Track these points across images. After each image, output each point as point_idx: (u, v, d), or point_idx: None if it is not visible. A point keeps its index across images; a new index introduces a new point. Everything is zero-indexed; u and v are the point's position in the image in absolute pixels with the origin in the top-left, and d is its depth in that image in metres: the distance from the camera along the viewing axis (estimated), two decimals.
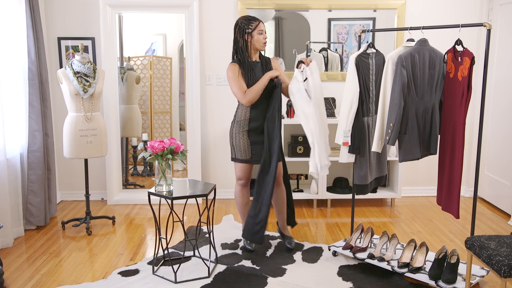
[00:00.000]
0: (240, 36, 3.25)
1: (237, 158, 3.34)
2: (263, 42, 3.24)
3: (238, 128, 3.30)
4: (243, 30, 3.23)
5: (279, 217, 3.53)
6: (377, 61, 3.20)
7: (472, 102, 4.71)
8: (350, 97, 3.14)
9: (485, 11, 4.58)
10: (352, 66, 3.14)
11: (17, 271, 3.15)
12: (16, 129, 3.80)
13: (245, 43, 3.25)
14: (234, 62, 3.28)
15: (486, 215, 4.29)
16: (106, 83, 4.39)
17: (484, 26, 2.67)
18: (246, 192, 3.46)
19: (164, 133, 5.11)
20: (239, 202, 3.47)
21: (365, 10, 4.62)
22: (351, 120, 3.15)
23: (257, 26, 3.21)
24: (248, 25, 3.22)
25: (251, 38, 3.23)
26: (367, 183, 3.27)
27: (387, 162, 3.45)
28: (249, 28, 3.21)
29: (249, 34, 3.22)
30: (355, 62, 3.13)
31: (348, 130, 3.15)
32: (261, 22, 3.24)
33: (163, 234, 3.49)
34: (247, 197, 3.47)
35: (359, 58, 3.12)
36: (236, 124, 3.33)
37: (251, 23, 3.22)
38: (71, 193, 4.77)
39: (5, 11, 3.64)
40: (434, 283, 2.83)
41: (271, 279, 3.00)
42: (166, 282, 2.97)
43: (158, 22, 5.04)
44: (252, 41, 3.23)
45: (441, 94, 3.01)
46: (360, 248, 3.26)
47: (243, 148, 3.30)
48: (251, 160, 3.32)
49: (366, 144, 3.19)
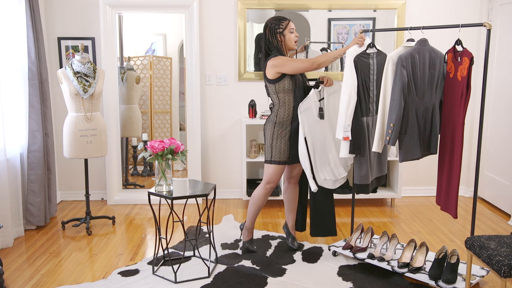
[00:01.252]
0: (272, 37, 3.19)
1: (274, 160, 3.24)
2: (295, 40, 3.22)
3: (280, 129, 3.22)
4: (274, 30, 3.18)
5: (289, 217, 3.53)
6: (378, 61, 3.17)
7: (472, 102, 4.71)
8: (348, 92, 3.12)
9: (485, 11, 4.58)
10: (349, 62, 3.13)
11: (17, 271, 3.15)
12: (16, 129, 3.80)
13: (278, 43, 3.21)
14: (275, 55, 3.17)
15: (486, 215, 4.29)
16: (106, 83, 4.39)
17: (484, 26, 2.67)
18: (267, 196, 3.37)
19: (164, 133, 5.11)
20: (258, 205, 3.36)
21: (365, 10, 4.62)
22: (350, 115, 3.13)
23: (287, 25, 3.19)
24: (278, 25, 3.19)
25: (283, 37, 3.20)
26: (368, 183, 3.27)
27: (387, 161, 3.45)
28: (280, 27, 3.18)
29: (280, 33, 3.19)
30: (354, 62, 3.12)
31: (348, 124, 3.12)
32: (290, 20, 3.22)
33: (163, 234, 3.49)
34: (265, 202, 3.39)
35: (357, 58, 3.11)
36: (277, 126, 3.22)
37: (281, 22, 3.19)
38: (71, 193, 4.77)
39: (5, 11, 3.64)
40: (434, 283, 2.83)
41: (271, 279, 3.00)
42: (166, 282, 2.97)
43: (158, 22, 5.04)
44: (285, 40, 3.20)
45: (441, 94, 3.01)
46: (360, 248, 3.26)
47: (283, 150, 3.23)
48: (287, 161, 3.27)
49: (366, 144, 3.19)
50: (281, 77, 3.14)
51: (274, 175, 3.26)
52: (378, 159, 3.33)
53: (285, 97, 3.18)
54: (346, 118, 3.11)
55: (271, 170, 3.26)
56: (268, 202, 4.62)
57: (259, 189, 3.33)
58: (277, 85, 3.17)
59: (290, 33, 3.20)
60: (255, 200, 3.35)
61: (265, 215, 4.30)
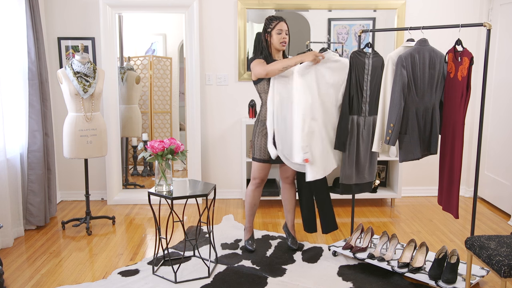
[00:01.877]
0: (263, 35, 3.24)
1: (255, 158, 3.32)
2: (281, 41, 3.19)
3: (262, 127, 3.27)
4: (265, 29, 3.22)
5: (288, 217, 3.53)
6: (374, 62, 3.15)
7: (472, 102, 4.71)
8: (302, 110, 3.02)
9: (485, 11, 4.58)
10: (297, 78, 3.04)
11: (17, 271, 3.15)
12: (16, 129, 3.80)
13: (267, 43, 3.23)
14: (259, 58, 3.22)
15: (486, 215, 4.29)
16: (106, 83, 4.39)
17: (484, 26, 2.67)
18: (258, 193, 3.42)
19: (164, 133, 5.11)
20: (249, 201, 3.42)
21: (365, 10, 4.62)
22: (307, 135, 3.02)
23: (276, 25, 3.18)
24: (269, 25, 3.20)
25: (270, 37, 3.21)
26: (351, 183, 3.24)
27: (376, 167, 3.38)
28: (269, 27, 3.20)
29: (268, 33, 3.20)
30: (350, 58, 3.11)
31: (306, 145, 3.02)
32: (282, 21, 3.20)
33: (163, 234, 3.49)
34: (258, 198, 3.43)
35: (354, 54, 3.10)
36: (260, 124, 3.29)
37: (272, 22, 3.19)
38: (71, 193, 4.77)
39: (5, 11, 3.64)
40: (434, 283, 2.83)
41: (271, 279, 3.00)
42: (166, 282, 2.97)
43: (158, 22, 5.04)
44: (272, 41, 3.21)
45: (441, 94, 3.01)
46: (360, 248, 3.26)
47: (263, 148, 3.27)
48: (269, 160, 3.30)
49: (354, 143, 3.15)
50: (260, 79, 3.21)
51: (257, 172, 3.34)
52: (369, 163, 3.28)
53: (266, 98, 3.21)
54: (303, 139, 3.03)
55: (254, 166, 3.36)
56: (268, 202, 4.62)
57: (249, 185, 3.43)
58: (258, 86, 3.25)
59: (277, 34, 3.19)
60: (246, 196, 3.45)
61: (265, 215, 4.30)
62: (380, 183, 4.73)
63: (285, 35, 3.19)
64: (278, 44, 3.20)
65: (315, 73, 3.11)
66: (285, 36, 3.19)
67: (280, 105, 3.13)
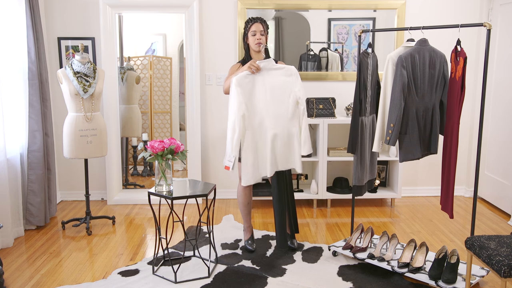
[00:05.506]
0: (243, 39, 3.31)
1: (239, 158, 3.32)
2: (255, 42, 3.22)
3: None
4: (244, 32, 3.29)
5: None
6: (373, 62, 3.21)
7: (472, 102, 4.71)
8: (232, 120, 3.01)
9: (485, 11, 4.58)
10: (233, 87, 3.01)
11: (17, 271, 3.15)
12: (16, 129, 3.80)
13: (247, 46, 3.29)
14: (238, 62, 3.30)
15: (486, 215, 4.29)
16: (106, 83, 4.39)
17: (484, 26, 2.67)
18: (249, 191, 3.43)
19: (164, 133, 5.12)
20: (241, 201, 3.45)
21: (365, 10, 4.62)
22: (237, 145, 3.01)
23: (250, 27, 3.22)
24: (246, 27, 3.26)
25: (247, 39, 3.26)
26: (363, 184, 3.28)
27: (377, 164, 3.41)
28: (246, 29, 3.25)
29: (246, 36, 3.26)
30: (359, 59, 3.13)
31: (233, 156, 3.01)
32: (256, 22, 3.21)
33: (163, 234, 3.49)
34: (250, 197, 3.45)
35: (362, 55, 3.15)
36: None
37: (248, 24, 3.25)
38: (71, 193, 4.78)
39: (5, 11, 3.64)
40: (434, 283, 2.83)
41: (271, 279, 3.00)
42: (166, 282, 2.97)
43: (158, 22, 5.05)
44: (249, 43, 3.25)
45: (441, 94, 3.02)
46: (360, 248, 3.26)
47: None
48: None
49: (365, 144, 3.19)
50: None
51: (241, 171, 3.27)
52: (371, 162, 3.32)
53: None
54: (232, 148, 3.02)
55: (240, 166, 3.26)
56: (268, 202, 4.62)
57: (238, 185, 3.43)
58: None
59: (251, 35, 3.22)
60: (238, 197, 3.46)
61: (265, 215, 4.30)
62: (380, 183, 4.73)
63: (260, 36, 3.21)
64: (254, 46, 3.23)
65: (258, 82, 3.08)
66: (260, 37, 3.21)
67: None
